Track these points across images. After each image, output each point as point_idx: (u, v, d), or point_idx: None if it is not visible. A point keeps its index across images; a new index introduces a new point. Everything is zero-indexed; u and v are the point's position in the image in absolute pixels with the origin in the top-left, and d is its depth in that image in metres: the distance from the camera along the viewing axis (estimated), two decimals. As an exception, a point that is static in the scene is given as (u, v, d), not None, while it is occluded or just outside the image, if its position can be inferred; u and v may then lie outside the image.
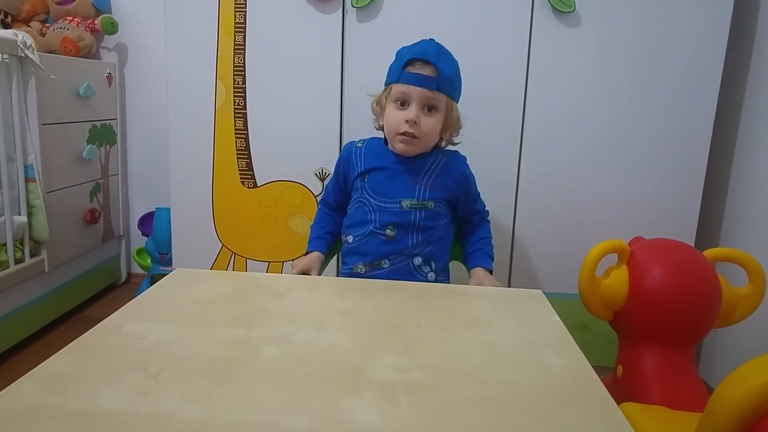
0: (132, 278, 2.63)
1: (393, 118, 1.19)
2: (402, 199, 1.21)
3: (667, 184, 1.74)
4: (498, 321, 0.87)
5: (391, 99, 1.20)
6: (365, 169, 1.25)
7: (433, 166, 1.24)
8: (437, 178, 1.23)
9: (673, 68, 1.69)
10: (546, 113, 1.73)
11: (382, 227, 1.21)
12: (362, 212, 1.24)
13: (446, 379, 0.66)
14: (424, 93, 1.16)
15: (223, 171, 1.89)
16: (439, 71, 1.15)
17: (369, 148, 1.28)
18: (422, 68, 1.16)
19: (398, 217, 1.20)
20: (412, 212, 1.21)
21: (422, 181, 1.22)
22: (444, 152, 1.27)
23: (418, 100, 1.16)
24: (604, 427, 0.58)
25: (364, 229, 1.23)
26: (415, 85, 1.16)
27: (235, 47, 1.80)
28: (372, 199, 1.23)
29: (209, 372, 0.66)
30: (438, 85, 1.16)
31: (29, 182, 1.88)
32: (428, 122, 1.17)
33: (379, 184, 1.23)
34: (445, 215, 1.25)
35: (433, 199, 1.22)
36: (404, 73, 1.17)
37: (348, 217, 1.30)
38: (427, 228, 1.21)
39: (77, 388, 0.61)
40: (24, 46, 1.77)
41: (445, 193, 1.24)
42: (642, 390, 1.22)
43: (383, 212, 1.21)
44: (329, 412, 0.58)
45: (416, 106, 1.16)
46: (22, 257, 1.87)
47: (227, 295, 0.93)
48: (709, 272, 1.27)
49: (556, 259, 1.79)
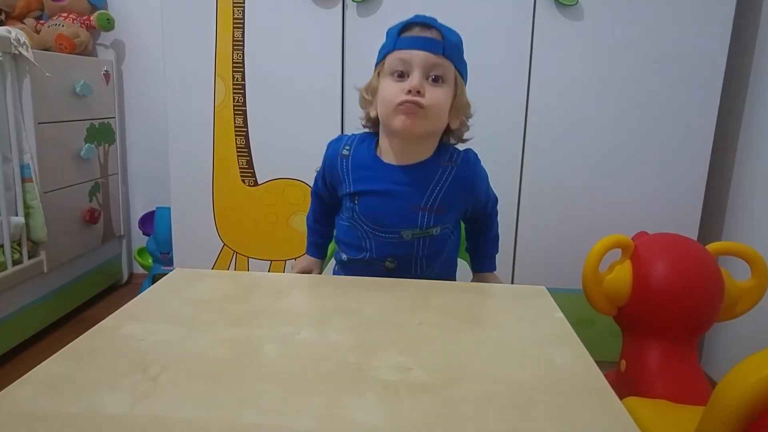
0: (134, 278, 2.63)
1: (390, 91, 0.94)
2: (402, 229, 1.00)
3: (670, 179, 1.73)
4: (501, 318, 0.86)
5: (385, 72, 0.96)
6: (354, 190, 1.01)
7: (439, 184, 0.99)
8: (443, 199, 0.99)
9: (676, 62, 1.67)
10: (549, 108, 1.72)
11: (381, 258, 1.03)
12: (355, 236, 1.04)
13: (449, 378, 0.65)
14: (428, 57, 0.92)
15: (223, 169, 1.88)
16: (443, 35, 0.93)
17: (356, 160, 1.02)
18: (424, 30, 0.94)
19: (398, 249, 1.02)
20: (415, 243, 1.01)
21: (425, 206, 0.99)
22: (452, 161, 1.01)
23: (421, 66, 0.92)
24: (607, 423, 0.57)
25: (359, 254, 1.05)
26: (416, 48, 0.92)
27: (234, 43, 1.79)
28: (366, 226, 1.02)
29: (210, 373, 0.65)
30: (444, 48, 0.93)
31: (26, 182, 1.87)
32: (435, 92, 0.93)
33: (373, 211, 1.01)
34: (452, 231, 1.07)
35: (439, 225, 1.01)
36: (401, 38, 0.94)
37: (340, 228, 1.10)
38: (432, 255, 1.04)
39: (74, 392, 0.60)
40: (18, 44, 1.75)
41: (453, 214, 1.04)
42: (646, 384, 1.21)
43: (380, 242, 1.02)
44: (331, 412, 0.57)
45: (419, 74, 0.92)
46: (20, 258, 1.86)
47: (227, 295, 0.92)
48: (712, 266, 1.26)
49: (559, 255, 1.79)
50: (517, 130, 1.74)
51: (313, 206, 1.17)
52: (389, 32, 0.98)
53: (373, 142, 1.03)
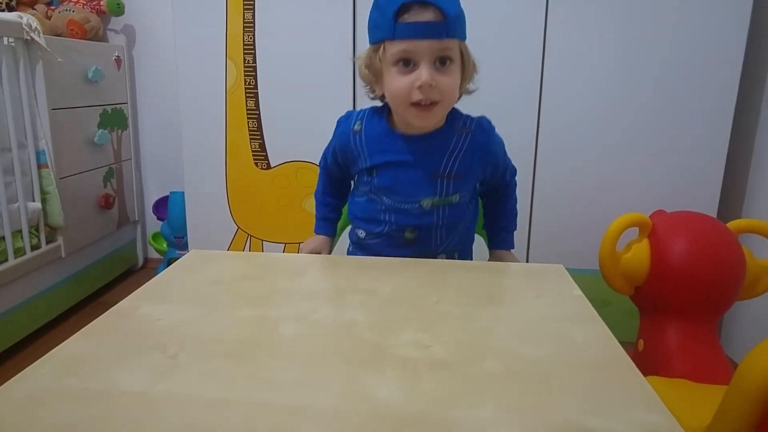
0: (149, 263, 2.65)
1: (398, 86, 0.90)
2: (421, 198, 0.99)
3: (688, 156, 1.70)
4: (519, 296, 0.85)
5: (388, 61, 0.91)
6: (371, 165, 1.00)
7: (455, 151, 0.98)
8: (461, 166, 0.98)
9: (695, 39, 1.64)
10: (565, 86, 1.70)
11: (400, 229, 1.02)
12: (374, 209, 1.03)
13: (469, 355, 0.65)
14: (433, 45, 0.87)
15: (236, 152, 1.88)
16: (443, 11, 0.86)
17: (369, 134, 1.01)
18: (421, 13, 0.86)
19: (418, 219, 1.00)
20: (434, 212, 1.00)
21: (444, 173, 0.98)
22: (466, 128, 1.00)
23: (427, 55, 0.87)
24: (632, 399, 0.56)
25: (377, 228, 1.04)
26: (419, 38, 0.86)
27: (245, 25, 1.78)
28: (385, 198, 1.01)
29: (228, 352, 0.65)
30: (447, 30, 0.87)
31: (42, 168, 1.88)
32: (446, 81, 0.89)
33: (392, 182, 1.00)
34: (471, 200, 1.06)
35: (458, 191, 1.00)
36: (399, 24, 0.87)
37: (356, 205, 1.08)
38: (452, 224, 1.02)
39: (94, 370, 0.60)
40: (30, 29, 1.75)
41: (471, 180, 1.03)
42: (665, 363, 1.20)
43: (400, 213, 1.01)
44: (351, 389, 0.57)
45: (426, 65, 0.88)
46: (38, 244, 1.88)
47: (244, 276, 0.92)
48: (733, 244, 1.24)
49: (575, 235, 1.77)
50: (531, 108, 1.72)
51: (323, 181, 1.16)
52: (380, 8, 0.90)
53: (384, 113, 1.01)
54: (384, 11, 0.88)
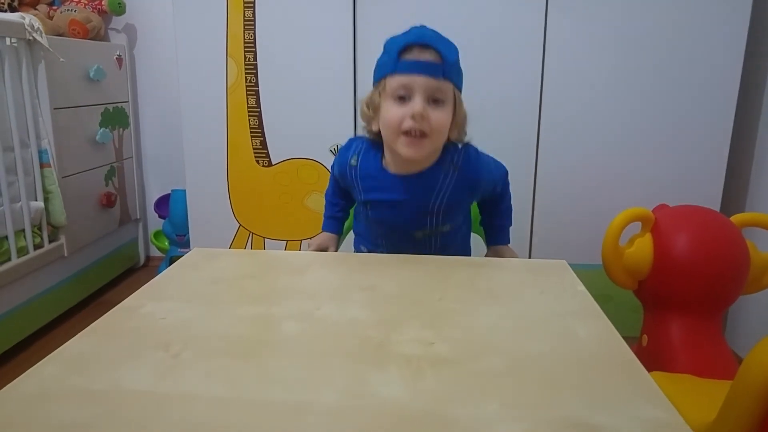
0: (151, 261, 2.65)
1: (392, 115, 0.95)
2: (413, 231, 1.06)
3: (691, 150, 1.70)
4: (522, 292, 0.85)
5: (387, 95, 0.96)
6: (365, 199, 1.07)
7: (443, 188, 1.02)
8: (450, 199, 1.03)
9: (696, 32, 1.63)
10: (567, 80, 1.69)
11: (396, 251, 1.09)
12: (373, 233, 1.12)
13: (472, 352, 0.65)
14: (429, 82, 0.93)
15: (237, 150, 1.87)
16: (442, 56, 0.94)
17: (363, 170, 1.06)
18: (422, 53, 0.94)
19: (413, 247, 1.07)
20: (427, 240, 1.07)
21: (433, 210, 1.03)
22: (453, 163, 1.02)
23: (422, 91, 0.93)
24: (636, 394, 0.56)
25: (377, 249, 1.12)
26: (417, 74, 0.93)
27: (245, 23, 1.77)
28: (380, 229, 1.09)
29: (231, 350, 0.65)
30: (444, 71, 0.94)
31: (44, 167, 1.88)
32: (438, 115, 0.94)
33: (384, 218, 1.07)
34: (463, 221, 1.12)
35: (449, 222, 1.06)
36: (401, 61, 0.94)
37: (358, 223, 1.17)
38: (445, 246, 1.09)
39: (98, 370, 0.60)
40: (32, 29, 1.75)
41: (461, 210, 1.09)
42: (669, 359, 1.20)
43: (395, 242, 1.09)
44: (355, 387, 0.57)
45: (421, 98, 0.93)
46: (41, 243, 1.88)
47: (246, 273, 0.92)
48: (736, 238, 1.24)
49: (577, 229, 1.77)
50: (532, 102, 1.71)
51: (332, 186, 1.21)
52: (388, 47, 0.98)
53: (380, 149, 1.05)
54: (390, 52, 0.96)
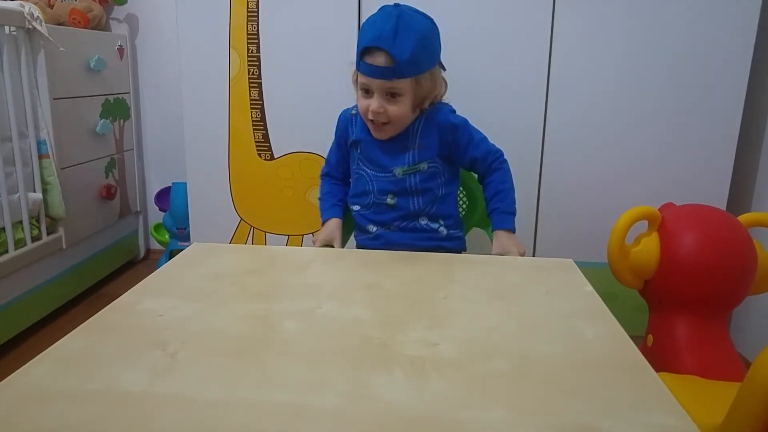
0: (151, 254, 2.63)
1: (360, 106, 1.16)
2: (395, 167, 1.19)
3: (697, 149, 1.67)
4: (528, 292, 0.83)
5: (358, 85, 1.16)
6: (356, 138, 1.23)
7: (415, 129, 1.19)
8: (422, 139, 1.18)
9: (704, 30, 1.60)
10: (572, 79, 1.67)
11: (382, 196, 1.20)
12: (362, 183, 1.23)
13: (478, 353, 0.63)
14: (382, 84, 1.09)
15: (239, 143, 1.85)
16: (394, 58, 1.06)
17: (359, 117, 1.22)
18: (376, 58, 1.08)
19: (395, 185, 1.19)
20: (407, 178, 1.18)
21: (410, 146, 1.18)
22: (423, 113, 1.20)
23: (378, 90, 1.10)
24: (646, 399, 0.54)
25: (366, 199, 1.23)
26: (371, 77, 1.10)
27: (248, 14, 1.75)
28: (368, 170, 1.22)
29: (229, 350, 0.63)
30: (395, 73, 1.08)
31: (42, 158, 1.85)
32: (393, 109, 1.12)
33: (371, 155, 1.21)
34: (442, 173, 1.21)
35: (425, 160, 1.18)
36: (362, 63, 1.10)
37: (352, 187, 1.29)
38: (425, 190, 1.19)
39: (93, 369, 0.58)
40: (31, 18, 1.73)
41: (433, 151, 1.19)
42: (674, 360, 1.18)
43: (380, 182, 1.20)
44: (358, 389, 0.55)
45: (378, 96, 1.11)
46: (39, 235, 1.86)
47: (246, 270, 0.91)
48: (744, 237, 1.22)
49: (582, 227, 1.75)
50: (538, 98, 1.69)
51: (324, 186, 1.34)
52: (359, 36, 1.13)
53: None
54: (358, 47, 1.12)
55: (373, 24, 1.10)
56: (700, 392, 1.04)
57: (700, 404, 1.00)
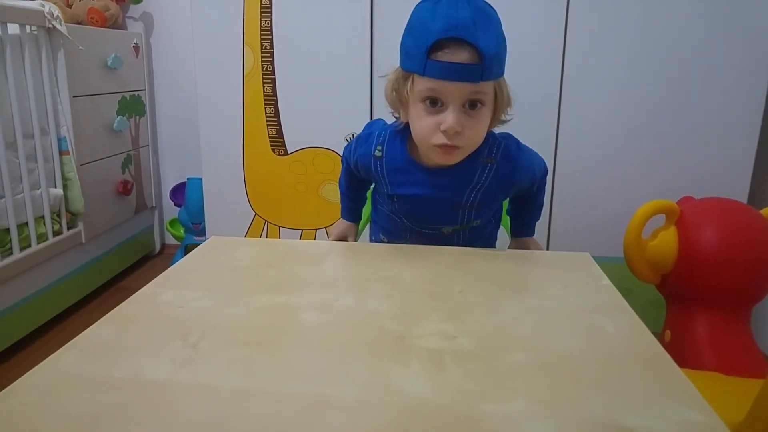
0: (166, 249, 2.66)
1: (423, 125, 0.84)
2: (442, 226, 0.99)
3: (717, 140, 1.65)
4: (546, 286, 0.83)
5: (416, 96, 0.84)
6: (393, 193, 0.98)
7: (479, 184, 0.93)
8: (484, 196, 0.94)
9: (724, 17, 1.58)
10: (588, 68, 1.66)
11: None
12: (395, 227, 1.04)
13: (496, 347, 0.63)
14: (465, 87, 0.80)
15: (253, 139, 1.86)
16: (481, 52, 0.78)
17: (390, 163, 0.96)
18: (457, 53, 0.78)
19: (439, 241, 0.99)
20: (455, 235, 1.00)
21: (465, 205, 0.95)
22: (491, 158, 0.93)
23: (456, 98, 0.81)
24: (670, 394, 0.54)
25: (399, 241, 1.05)
26: (450, 80, 0.80)
27: (262, 10, 1.76)
28: (406, 221, 1.01)
29: (249, 340, 0.63)
30: (483, 72, 0.79)
31: (63, 154, 1.89)
32: (473, 126, 0.84)
33: (413, 211, 0.99)
34: (493, 216, 1.04)
35: (480, 218, 0.99)
36: (431, 61, 0.79)
37: (379, 213, 1.08)
38: (472, 242, 1.01)
39: (118, 357, 0.59)
40: (51, 17, 1.75)
41: (493, 206, 1.01)
42: (693, 355, 1.17)
43: (419, 236, 1.01)
44: (376, 380, 0.56)
45: (455, 109, 0.82)
46: (59, 229, 1.90)
47: (264, 262, 0.91)
48: (766, 231, 1.20)
49: (597, 221, 1.74)
50: (552, 87, 1.68)
51: (345, 177, 1.13)
52: (416, 31, 0.82)
53: (405, 140, 0.95)
54: (418, 43, 0.81)
55: (438, 12, 0.79)
56: (721, 389, 1.04)
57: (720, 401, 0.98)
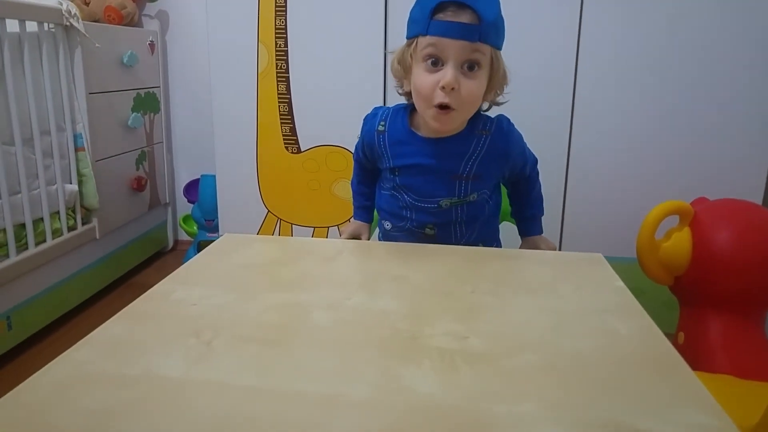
0: (179, 245, 2.68)
1: (423, 83, 0.91)
2: (440, 198, 1.01)
3: (731, 141, 1.64)
4: (557, 286, 0.83)
5: (418, 56, 0.91)
6: (394, 165, 1.03)
7: (474, 154, 0.99)
8: (479, 167, 0.99)
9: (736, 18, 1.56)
10: (598, 71, 1.65)
11: (421, 226, 1.05)
12: (397, 205, 1.07)
13: (507, 347, 0.63)
14: (464, 46, 0.87)
15: (266, 136, 1.87)
16: (480, 15, 0.86)
17: (392, 135, 1.02)
18: (457, 14, 0.86)
19: (437, 217, 1.03)
20: (453, 210, 1.03)
21: (462, 175, 0.99)
22: (485, 130, 1.00)
23: (455, 56, 0.88)
24: (683, 397, 0.53)
25: (400, 222, 1.08)
26: (450, 37, 0.87)
27: (277, 9, 1.76)
28: (407, 197, 1.04)
29: (261, 338, 0.64)
30: (480, 34, 0.86)
31: (78, 151, 1.91)
32: (470, 86, 0.90)
33: (413, 182, 1.03)
34: (490, 195, 1.07)
35: (476, 191, 1.02)
36: (434, 21, 0.87)
37: (381, 197, 1.12)
38: (471, 220, 1.05)
39: (132, 354, 0.60)
40: (69, 15, 1.77)
41: (489, 180, 1.04)
42: (707, 358, 1.16)
43: (420, 211, 1.04)
44: (388, 380, 0.56)
45: (453, 66, 0.88)
46: (74, 225, 1.92)
47: (277, 260, 0.92)
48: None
49: (610, 222, 1.73)
50: (565, 92, 1.67)
51: (356, 172, 1.18)
52: (421, 4, 0.91)
53: (407, 114, 1.02)
54: (423, 8, 0.89)
55: None
56: (735, 392, 1.03)
57: (734, 404, 0.98)
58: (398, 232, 1.09)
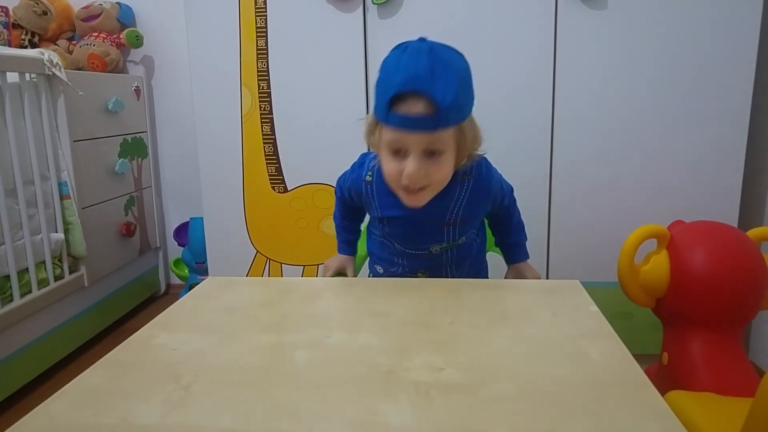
0: (171, 289, 2.67)
1: (389, 170, 0.92)
2: (430, 245, 1.06)
3: (705, 164, 1.67)
4: (534, 314, 0.85)
5: (383, 143, 0.92)
6: (383, 216, 1.06)
7: (459, 200, 1.01)
8: (466, 211, 1.02)
9: (707, 43, 1.61)
10: (576, 99, 1.69)
11: (413, 271, 1.10)
12: (388, 252, 1.11)
13: (482, 377, 0.64)
14: (422, 138, 0.87)
15: (253, 177, 1.90)
16: (436, 104, 0.84)
17: (380, 187, 1.03)
18: (414, 105, 0.85)
19: (429, 262, 1.08)
20: (443, 254, 1.07)
21: (450, 221, 1.03)
22: (467, 174, 1.01)
23: (416, 146, 0.88)
24: (648, 417, 0.55)
25: (392, 268, 1.12)
26: (408, 130, 0.87)
27: (258, 52, 1.81)
28: (397, 245, 1.08)
29: (241, 381, 0.65)
30: (438, 121, 0.86)
31: (64, 199, 1.91)
32: (436, 171, 0.91)
33: (402, 232, 1.06)
34: (477, 234, 1.12)
35: (464, 234, 1.06)
36: (392, 113, 0.87)
37: (372, 242, 1.16)
38: (461, 260, 1.09)
39: (108, 403, 0.60)
40: (51, 65, 1.80)
41: (476, 221, 1.08)
42: (690, 377, 1.17)
43: (411, 258, 1.08)
44: (364, 417, 0.57)
45: (415, 156, 0.89)
46: (61, 274, 1.91)
47: (259, 302, 0.93)
48: (754, 252, 1.22)
49: (594, 248, 1.74)
50: (544, 123, 1.71)
51: (339, 207, 1.20)
52: (381, 81, 0.90)
53: None
54: (382, 95, 0.88)
55: (400, 64, 0.86)
56: (717, 409, 1.04)
57: (716, 421, 0.99)
58: (391, 276, 1.12)
